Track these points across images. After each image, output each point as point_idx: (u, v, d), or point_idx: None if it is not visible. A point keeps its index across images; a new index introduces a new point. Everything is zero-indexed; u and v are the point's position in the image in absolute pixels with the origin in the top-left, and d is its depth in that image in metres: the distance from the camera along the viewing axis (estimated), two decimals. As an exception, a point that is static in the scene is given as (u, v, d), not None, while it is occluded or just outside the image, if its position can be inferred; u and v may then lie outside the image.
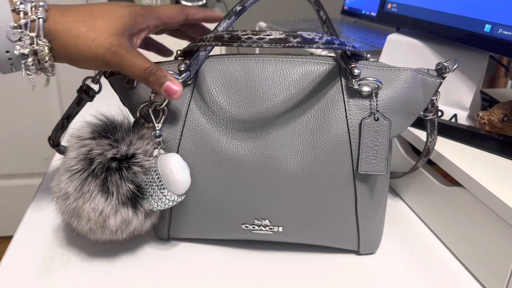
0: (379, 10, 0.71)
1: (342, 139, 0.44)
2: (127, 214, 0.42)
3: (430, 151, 0.52)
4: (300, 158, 0.45)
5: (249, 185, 0.45)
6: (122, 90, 0.47)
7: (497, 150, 0.53)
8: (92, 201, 0.41)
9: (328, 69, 0.46)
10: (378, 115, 0.44)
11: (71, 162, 0.42)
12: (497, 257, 0.44)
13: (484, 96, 0.69)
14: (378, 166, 0.44)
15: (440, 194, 0.53)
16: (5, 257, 0.48)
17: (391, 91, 0.45)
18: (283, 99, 0.45)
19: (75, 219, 0.43)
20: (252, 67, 0.46)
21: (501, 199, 0.43)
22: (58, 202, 0.43)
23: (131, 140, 0.43)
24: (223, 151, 0.45)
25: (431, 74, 0.46)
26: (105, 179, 0.42)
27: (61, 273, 0.46)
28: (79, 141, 0.43)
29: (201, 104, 0.46)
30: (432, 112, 0.49)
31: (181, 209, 0.48)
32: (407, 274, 0.48)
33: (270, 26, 1.17)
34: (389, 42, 0.67)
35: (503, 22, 0.52)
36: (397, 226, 0.56)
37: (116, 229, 0.43)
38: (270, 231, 0.47)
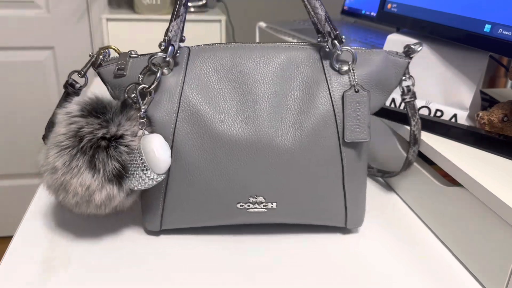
0: (379, 10, 0.71)
1: (327, 114, 0.48)
2: (112, 190, 0.44)
3: (417, 137, 0.55)
4: (290, 134, 0.48)
5: (243, 163, 0.48)
6: (112, 79, 0.49)
7: (497, 150, 0.53)
8: (80, 176, 0.43)
9: (310, 52, 0.50)
10: (358, 87, 0.48)
11: (61, 138, 0.44)
12: (497, 257, 0.44)
13: (484, 96, 0.69)
14: (362, 133, 0.48)
15: (440, 194, 0.53)
16: (5, 257, 0.48)
17: (366, 69, 0.50)
18: (270, 82, 0.49)
19: (62, 193, 0.44)
20: (239, 53, 0.50)
21: (501, 199, 0.43)
22: (46, 175, 0.45)
23: (120, 121, 0.45)
24: (218, 131, 0.47)
25: (400, 55, 0.52)
26: (92, 156, 0.43)
27: (61, 273, 0.46)
28: (68, 118, 0.45)
29: (194, 87, 0.48)
30: (409, 95, 0.53)
31: (176, 194, 0.49)
32: (407, 274, 0.48)
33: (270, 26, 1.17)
34: (389, 42, 0.67)
35: (503, 22, 0.52)
36: (397, 226, 0.56)
37: (100, 204, 0.45)
38: (264, 208, 0.50)
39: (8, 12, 1.65)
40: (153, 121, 0.47)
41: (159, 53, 0.47)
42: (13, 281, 0.44)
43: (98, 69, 0.50)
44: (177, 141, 0.47)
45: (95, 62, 0.49)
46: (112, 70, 0.49)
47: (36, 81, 1.76)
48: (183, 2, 0.48)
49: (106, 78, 0.49)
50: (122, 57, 0.49)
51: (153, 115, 0.47)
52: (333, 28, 0.48)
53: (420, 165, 0.58)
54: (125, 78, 0.48)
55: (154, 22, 1.52)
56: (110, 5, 1.70)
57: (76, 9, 1.70)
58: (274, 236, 0.53)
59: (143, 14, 1.52)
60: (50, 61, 1.74)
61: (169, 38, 0.47)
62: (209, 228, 0.54)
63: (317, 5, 0.48)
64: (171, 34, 0.47)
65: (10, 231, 1.99)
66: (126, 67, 0.48)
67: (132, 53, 0.49)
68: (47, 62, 1.74)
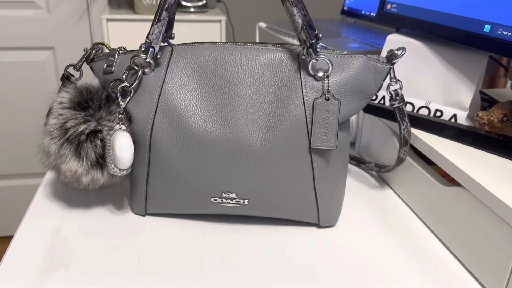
0: (378, 10, 0.71)
1: (299, 118, 0.49)
2: (96, 174, 0.50)
3: (407, 139, 0.56)
4: (262, 135, 0.49)
5: (217, 161, 0.50)
6: (102, 74, 0.51)
7: (497, 150, 0.53)
8: (68, 163, 0.49)
9: (289, 56, 0.51)
10: (328, 96, 0.49)
11: (51, 128, 0.49)
12: (497, 257, 0.44)
13: (483, 96, 0.69)
14: (329, 141, 0.49)
15: (440, 194, 0.53)
16: (5, 257, 0.48)
17: (343, 76, 0.50)
18: (248, 83, 0.50)
19: (56, 173, 0.51)
20: (220, 54, 0.51)
21: (501, 199, 0.43)
22: (43, 156, 0.50)
23: (101, 115, 0.49)
24: (193, 129, 0.49)
25: (381, 61, 0.51)
26: (77, 146, 0.49)
27: (61, 273, 0.46)
28: (59, 108, 0.49)
29: (173, 87, 0.50)
30: (397, 100, 0.54)
31: (156, 184, 0.53)
32: (407, 274, 0.48)
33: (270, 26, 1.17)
34: (389, 42, 0.67)
35: (503, 22, 0.53)
36: (396, 226, 0.56)
37: (88, 184, 0.50)
38: (237, 203, 0.52)
39: (8, 12, 1.65)
40: (133, 117, 0.50)
41: (141, 54, 0.49)
42: (13, 281, 0.44)
43: (90, 64, 0.52)
44: (155, 137, 0.50)
45: (88, 57, 0.52)
46: (102, 65, 0.51)
47: (36, 81, 1.76)
48: (165, 7, 0.49)
49: (97, 73, 0.52)
50: (111, 53, 0.52)
51: (132, 111, 0.50)
52: (309, 37, 0.48)
53: (420, 165, 0.58)
54: (113, 74, 0.51)
55: (154, 22, 1.52)
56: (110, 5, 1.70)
57: (76, 9, 1.70)
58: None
59: (143, 14, 1.52)
60: (50, 61, 1.74)
61: (150, 41, 0.49)
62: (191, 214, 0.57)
63: (294, 12, 0.48)
64: (152, 37, 0.49)
65: (10, 231, 2.00)
66: (114, 64, 0.51)
67: (121, 49, 0.52)
68: (47, 62, 1.74)
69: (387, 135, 0.65)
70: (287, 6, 0.48)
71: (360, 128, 0.74)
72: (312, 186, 0.51)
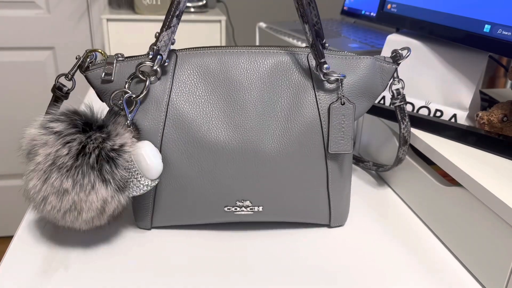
0: (378, 10, 0.71)
1: (313, 123, 0.49)
2: (120, 198, 0.45)
3: (407, 138, 0.56)
4: (276, 141, 0.48)
5: (230, 169, 0.48)
6: (99, 84, 0.48)
7: (497, 150, 0.53)
8: (96, 192, 0.43)
9: (298, 58, 0.50)
10: (344, 100, 0.48)
11: (64, 159, 0.42)
12: (497, 257, 0.44)
13: (483, 96, 0.69)
14: (346, 145, 0.49)
15: (440, 194, 0.53)
16: (5, 257, 0.48)
17: (354, 77, 0.50)
18: (258, 88, 0.49)
19: (72, 214, 0.44)
20: (226, 59, 0.49)
21: (501, 199, 0.43)
22: (47, 203, 0.43)
23: (117, 130, 0.45)
24: (205, 138, 0.48)
25: (387, 61, 0.51)
26: (100, 169, 0.43)
27: (61, 273, 0.46)
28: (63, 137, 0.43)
29: (181, 95, 0.48)
30: (399, 99, 0.53)
31: (165, 197, 0.50)
32: (406, 274, 0.48)
33: (270, 26, 1.17)
34: (389, 42, 0.67)
35: (503, 22, 0.53)
36: (396, 226, 0.56)
37: (112, 213, 0.45)
38: (251, 211, 0.51)
39: (8, 12, 1.65)
40: (141, 129, 0.47)
41: (147, 61, 0.47)
42: (13, 281, 0.44)
43: (85, 73, 0.49)
44: (165, 148, 0.48)
45: (82, 65, 0.48)
46: (99, 74, 0.48)
47: (36, 81, 1.76)
48: (176, 14, 0.46)
49: (94, 83, 0.49)
50: (109, 61, 0.48)
51: (140, 123, 0.47)
52: (318, 56, 0.48)
53: (420, 165, 0.58)
54: (112, 84, 0.48)
55: (154, 22, 1.52)
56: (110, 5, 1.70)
57: (76, 9, 1.70)
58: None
59: (143, 14, 1.52)
60: (50, 61, 1.74)
61: (158, 48, 0.47)
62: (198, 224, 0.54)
63: (306, 29, 0.47)
64: (160, 44, 0.47)
65: (10, 231, 1.99)
66: (113, 72, 0.48)
67: (119, 56, 0.49)
68: (47, 62, 1.74)
69: (386, 135, 0.65)
70: (301, 22, 0.47)
71: (360, 127, 0.74)
72: (325, 188, 0.51)
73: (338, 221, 0.54)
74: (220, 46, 0.50)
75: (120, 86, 0.48)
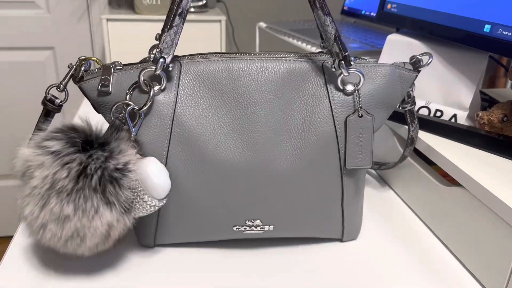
0: (378, 10, 0.71)
1: (329, 137, 0.45)
2: (126, 220, 0.41)
3: (414, 139, 0.55)
4: (289, 158, 0.45)
5: (240, 188, 0.45)
6: (95, 96, 0.44)
7: (497, 150, 0.53)
8: (100, 216, 0.39)
9: (311, 67, 0.46)
10: (362, 112, 0.45)
11: (64, 182, 0.38)
12: (497, 257, 0.44)
13: (483, 96, 0.69)
14: (364, 160, 0.46)
15: (440, 194, 0.53)
16: (5, 257, 0.48)
17: (372, 87, 0.46)
18: (269, 100, 0.45)
19: (74, 242, 0.40)
20: (235, 67, 0.45)
21: (501, 199, 0.43)
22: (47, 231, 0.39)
23: (120, 147, 0.41)
24: (213, 155, 0.44)
25: (407, 68, 0.48)
26: (103, 191, 0.39)
27: (61, 273, 0.46)
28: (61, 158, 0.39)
29: (187, 109, 0.44)
30: (410, 103, 0.51)
31: (170, 216, 0.47)
32: (406, 274, 0.48)
33: (270, 26, 1.17)
34: (389, 42, 0.67)
35: (503, 22, 0.52)
36: (396, 226, 0.56)
37: (118, 237, 0.41)
38: (261, 230, 0.48)
39: (8, 12, 1.65)
40: (143, 145, 0.44)
41: (149, 66, 0.43)
42: (13, 281, 0.44)
43: (79, 84, 0.44)
44: (170, 166, 0.44)
45: (75, 75, 0.44)
46: (95, 85, 0.44)
47: (36, 81, 1.76)
48: (178, 12, 0.42)
49: (89, 95, 0.44)
50: (105, 70, 0.44)
51: (142, 138, 0.44)
52: (342, 49, 0.44)
53: (420, 165, 0.58)
54: (110, 96, 0.44)
55: (154, 22, 1.52)
56: (110, 5, 1.70)
57: (76, 9, 1.70)
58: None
59: (143, 14, 1.52)
60: (50, 61, 1.74)
61: (161, 50, 0.42)
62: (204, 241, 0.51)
63: (327, 22, 0.43)
64: (163, 46, 0.42)
65: (10, 231, 1.99)
66: (111, 83, 0.43)
67: (116, 65, 0.44)
68: (47, 62, 1.74)
69: (387, 135, 0.65)
70: (318, 14, 0.43)
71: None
72: (340, 204, 0.49)
73: (351, 235, 0.52)
74: (227, 52, 0.46)
75: (118, 97, 0.44)
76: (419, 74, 0.48)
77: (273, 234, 0.49)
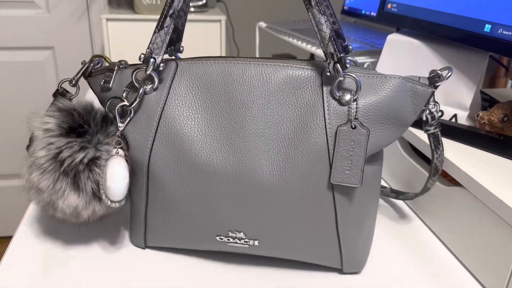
0: (379, 10, 0.71)
1: (320, 150, 0.42)
2: (97, 205, 0.44)
3: (439, 168, 0.49)
4: (276, 168, 0.42)
5: (223, 195, 0.43)
6: (99, 91, 0.46)
7: (497, 150, 0.53)
8: (66, 198, 0.43)
9: (310, 74, 0.44)
10: (355, 123, 0.41)
11: (41, 160, 0.43)
12: (497, 257, 0.44)
13: (484, 96, 0.69)
14: (352, 177, 0.42)
15: (440, 194, 0.53)
16: (5, 257, 0.48)
17: (374, 99, 0.42)
18: (261, 106, 0.43)
19: (50, 209, 0.45)
20: (231, 71, 0.44)
21: (501, 199, 0.43)
22: (31, 193, 0.44)
23: (99, 139, 0.44)
24: (197, 159, 0.43)
25: (422, 83, 0.43)
26: (74, 177, 0.43)
27: (61, 273, 0.46)
28: (47, 137, 0.43)
29: (176, 108, 0.44)
30: (433, 125, 0.46)
31: (155, 217, 0.47)
32: (406, 274, 0.48)
33: (270, 26, 1.17)
34: (389, 42, 0.67)
35: (503, 22, 0.52)
36: (396, 226, 0.56)
37: (88, 218, 0.45)
38: (246, 244, 0.45)
39: (8, 12, 1.65)
40: (129, 142, 0.45)
41: (142, 66, 0.44)
42: (13, 281, 0.44)
43: (88, 79, 0.47)
44: (153, 166, 0.44)
45: (86, 71, 0.47)
46: (100, 81, 0.46)
47: (36, 81, 1.76)
48: (169, 13, 0.43)
49: (95, 89, 0.47)
50: (110, 68, 0.46)
51: (129, 136, 0.44)
52: (337, 50, 0.41)
53: (420, 165, 0.58)
54: (111, 91, 0.45)
55: (154, 22, 1.52)
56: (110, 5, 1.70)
57: (76, 9, 1.70)
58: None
59: (143, 14, 1.52)
60: (50, 61, 1.74)
61: (150, 50, 0.43)
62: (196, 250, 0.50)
63: (322, 21, 0.41)
64: (152, 47, 0.43)
65: (10, 231, 1.99)
66: (113, 80, 0.45)
67: (122, 63, 0.46)
68: (47, 62, 1.74)
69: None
70: (313, 13, 0.41)
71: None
72: (334, 227, 0.44)
73: (352, 267, 0.47)
74: (228, 56, 0.45)
75: (118, 94, 0.45)
76: (436, 90, 0.43)
77: (260, 251, 0.46)
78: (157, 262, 0.48)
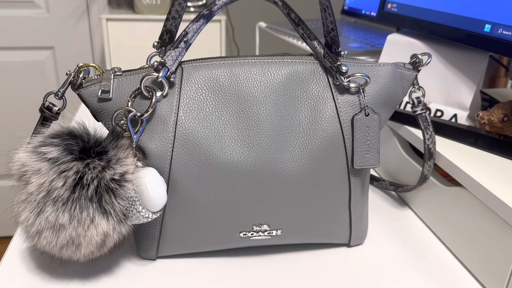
0: (379, 10, 0.71)
1: (335, 136, 0.45)
2: (121, 229, 0.41)
3: (432, 151, 0.51)
4: (296, 159, 0.45)
5: (246, 192, 0.45)
6: (95, 102, 0.44)
7: (497, 150, 0.53)
8: (96, 226, 0.39)
9: (313, 68, 0.46)
10: (368, 111, 0.45)
11: (58, 192, 0.38)
12: (497, 257, 0.44)
13: (484, 96, 0.69)
14: (372, 159, 0.46)
15: (440, 194, 0.53)
16: (5, 257, 0.48)
17: (376, 86, 0.47)
18: (273, 101, 0.45)
19: (69, 248, 0.40)
20: (237, 71, 0.45)
21: (501, 199, 0.43)
22: (43, 237, 0.39)
23: (115, 154, 0.40)
24: (218, 159, 0.44)
25: (407, 68, 0.49)
26: (99, 200, 0.39)
27: (61, 273, 0.46)
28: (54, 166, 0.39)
29: (190, 113, 0.44)
30: (420, 107, 0.50)
31: (174, 224, 0.46)
32: (406, 274, 0.48)
33: (270, 26, 1.17)
34: (389, 42, 0.67)
35: (503, 22, 0.52)
36: (397, 226, 0.56)
37: (114, 245, 0.42)
38: (268, 235, 0.47)
39: (8, 12, 1.65)
40: (147, 152, 0.43)
41: (151, 72, 0.42)
42: (13, 281, 0.44)
43: (78, 91, 0.44)
44: (175, 173, 0.44)
45: (74, 82, 0.44)
46: (95, 92, 0.43)
47: (36, 81, 1.76)
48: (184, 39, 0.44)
49: (89, 102, 0.44)
50: (105, 76, 0.43)
51: (146, 146, 0.43)
52: (333, 63, 0.45)
53: (420, 165, 0.58)
54: (111, 102, 0.43)
55: (154, 22, 1.52)
56: (110, 5, 1.70)
57: (76, 9, 1.70)
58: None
59: (143, 14, 1.52)
60: (50, 61, 1.74)
61: (164, 61, 0.43)
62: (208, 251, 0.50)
63: (315, 45, 0.45)
64: (167, 59, 0.43)
65: (10, 231, 1.99)
66: (111, 89, 0.43)
67: (116, 70, 0.44)
68: (47, 62, 1.74)
69: (387, 135, 0.65)
70: (308, 42, 0.46)
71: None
72: (347, 207, 0.48)
73: (358, 240, 0.51)
74: (229, 56, 0.46)
75: (119, 104, 0.43)
76: (418, 73, 0.49)
77: (280, 240, 0.48)
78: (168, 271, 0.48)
